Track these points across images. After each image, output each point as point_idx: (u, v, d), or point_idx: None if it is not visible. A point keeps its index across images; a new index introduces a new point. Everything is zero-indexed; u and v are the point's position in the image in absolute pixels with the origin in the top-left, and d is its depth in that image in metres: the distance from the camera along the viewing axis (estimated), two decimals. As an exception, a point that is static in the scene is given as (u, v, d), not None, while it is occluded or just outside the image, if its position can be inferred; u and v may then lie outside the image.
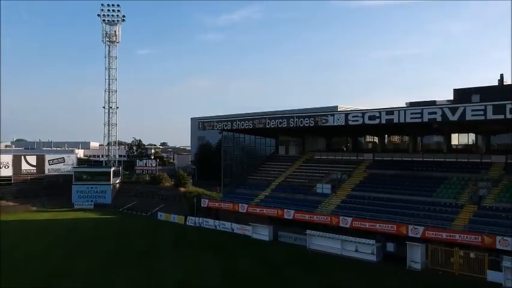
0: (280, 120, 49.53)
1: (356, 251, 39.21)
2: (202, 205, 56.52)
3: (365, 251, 38.69)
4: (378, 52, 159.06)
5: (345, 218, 42.37)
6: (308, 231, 42.61)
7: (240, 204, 51.88)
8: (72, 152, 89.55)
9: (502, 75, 45.97)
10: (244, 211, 51.11)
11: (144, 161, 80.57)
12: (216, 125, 56.66)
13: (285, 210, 47.13)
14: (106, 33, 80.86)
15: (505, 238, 33.25)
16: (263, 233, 46.83)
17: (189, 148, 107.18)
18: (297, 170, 56.98)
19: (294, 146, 62.28)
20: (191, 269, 35.11)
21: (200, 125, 59.00)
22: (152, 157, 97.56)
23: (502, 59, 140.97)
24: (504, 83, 45.23)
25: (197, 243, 45.09)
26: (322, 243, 41.61)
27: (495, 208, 37.75)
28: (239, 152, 63.27)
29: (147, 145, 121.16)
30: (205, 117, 76.02)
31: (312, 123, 46.81)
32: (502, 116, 35.34)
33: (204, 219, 54.29)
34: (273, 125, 50.05)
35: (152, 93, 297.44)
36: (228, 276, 33.42)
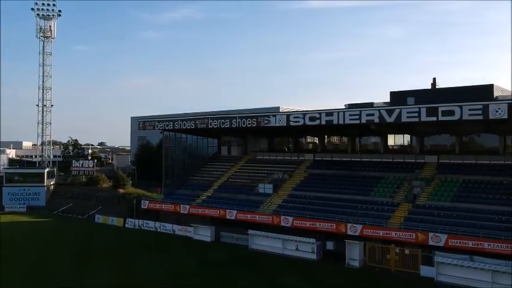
0: (222, 120, 49.38)
1: (297, 249, 39.75)
2: (142, 207, 55.27)
3: (305, 249, 39.30)
4: (318, 54, 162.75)
5: (286, 217, 42.85)
6: (250, 231, 42.72)
7: (181, 205, 51.19)
8: (3, 152, 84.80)
9: (434, 79, 48.24)
10: (186, 212, 50.49)
11: (81, 162, 77.65)
12: (157, 125, 55.61)
13: (227, 210, 47.03)
14: (40, 29, 77.29)
15: (436, 235, 34.87)
16: (205, 234, 46.48)
17: (129, 148, 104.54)
18: (239, 170, 57.04)
19: (236, 146, 62.33)
20: (129, 272, 34.13)
21: (140, 124, 57.69)
22: (89, 157, 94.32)
23: (435, 62, 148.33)
24: (437, 87, 47.47)
25: (137, 246, 44.01)
26: (263, 242, 41.85)
27: (428, 206, 39.52)
28: (181, 152, 62.43)
29: (84, 145, 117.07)
30: (145, 116, 74.41)
31: (254, 124, 47.02)
32: (434, 118, 37.03)
33: (144, 221, 53.11)
34: (215, 125, 49.80)
35: (90, 91, 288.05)
36: (169, 278, 32.82)
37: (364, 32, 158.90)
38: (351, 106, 46.02)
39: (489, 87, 42.43)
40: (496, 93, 42.23)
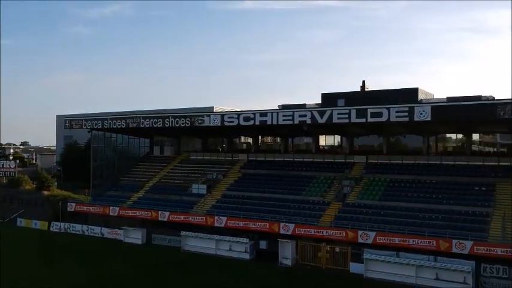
0: (155, 120, 48.26)
1: (230, 250, 39.62)
2: (68, 209, 52.75)
3: (239, 249, 39.27)
4: (253, 55, 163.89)
5: (219, 217, 42.58)
6: (183, 233, 42.03)
7: (111, 207, 49.40)
8: None
9: (363, 82, 49.88)
10: (116, 214, 48.79)
11: (1, 162, 73.00)
12: (85, 124, 53.38)
13: (160, 211, 45.98)
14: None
15: (365, 232, 36.04)
16: (135, 237, 45.16)
17: (54, 148, 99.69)
18: (172, 170, 56.02)
19: (169, 146, 61.15)
20: (52, 279, 32.37)
21: (67, 123, 55.11)
22: (11, 157, 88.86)
23: (365, 66, 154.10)
24: (366, 89, 49.13)
25: (62, 250, 41.90)
26: (196, 244, 41.33)
27: (357, 205, 40.78)
28: (110, 153, 60.23)
29: (5, 144, 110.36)
30: (73, 115, 71.15)
31: (188, 124, 46.36)
32: (364, 120, 38.25)
33: (71, 224, 50.74)
34: (147, 124, 48.56)
35: (13, 87, 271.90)
36: (95, 284, 31.49)
37: (298, 34, 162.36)
38: (284, 107, 46.57)
39: (414, 91, 44.49)
40: (420, 96, 44.38)
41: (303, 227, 38.64)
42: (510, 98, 34.68)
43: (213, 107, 64.17)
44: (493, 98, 38.58)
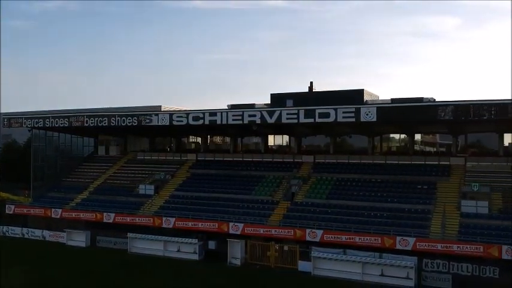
0: (100, 118, 46.82)
1: (178, 251, 39.07)
2: (7, 211, 50.19)
3: (187, 250, 38.79)
4: (202, 55, 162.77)
5: (167, 218, 41.91)
6: (129, 234, 41.02)
7: (53, 209, 47.47)
8: None
9: (311, 83, 50.56)
10: (58, 216, 46.97)
11: None
12: (24, 122, 51.00)
13: (105, 213, 44.67)
14: None
15: (313, 231, 36.60)
16: (79, 239, 43.61)
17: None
18: (119, 170, 54.58)
19: (115, 146, 59.52)
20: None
21: (5, 121, 52.49)
22: None
23: (311, 66, 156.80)
24: (313, 90, 49.89)
25: None
26: (144, 245, 40.43)
27: (305, 203, 41.35)
28: (52, 152, 57.86)
29: None
30: (11, 113, 67.79)
31: (135, 123, 45.35)
32: (312, 120, 38.89)
33: (10, 227, 48.27)
34: (92, 123, 47.07)
35: None
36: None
37: (247, 35, 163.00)
38: (233, 107, 46.49)
39: (360, 92, 45.65)
40: (366, 98, 45.57)
41: (252, 227, 38.72)
42: (450, 100, 36.36)
43: (160, 106, 63.10)
44: (434, 100, 40.22)
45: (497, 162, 40.65)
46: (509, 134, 42.82)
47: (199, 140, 58.73)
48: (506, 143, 42.84)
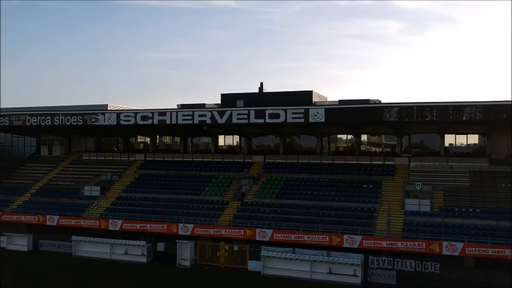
0: (43, 117, 45.11)
1: (126, 253, 38.23)
2: None
3: (135, 252, 38.04)
4: (151, 53, 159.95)
5: (114, 220, 40.88)
6: (74, 237, 39.73)
7: (-9, 212, 45.18)
8: None
9: (261, 84, 50.77)
10: (-3, 219, 44.73)
11: None
12: (-40, 120, 48.21)
13: (48, 216, 42.99)
14: None
15: (263, 230, 36.79)
16: (21, 243, 41.79)
17: None
18: (63, 171, 52.69)
19: (58, 146, 57.41)
20: None
21: None
22: None
23: (262, 67, 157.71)
24: (264, 91, 50.17)
25: None
26: (89, 248, 39.31)
27: (255, 203, 41.51)
28: (-9, 153, 55.15)
29: None
30: None
31: (80, 122, 44.06)
32: (262, 120, 39.31)
33: None
34: (34, 122, 45.27)
35: None
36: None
37: (196, 34, 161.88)
38: (183, 106, 46.00)
39: (309, 93, 46.27)
40: (314, 99, 46.26)
41: (202, 227, 38.47)
42: (395, 102, 37.67)
43: (107, 105, 61.34)
44: (380, 102, 41.45)
45: (438, 162, 42.43)
46: (450, 135, 44.77)
47: (147, 140, 57.61)
48: (447, 144, 44.77)
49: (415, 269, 33.25)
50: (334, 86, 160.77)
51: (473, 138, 45.38)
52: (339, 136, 52.62)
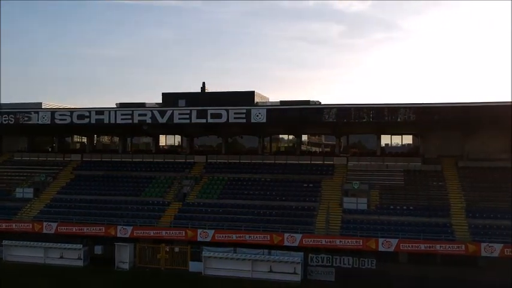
0: (-31, 115, 42.48)
1: (61, 257, 36.85)
2: None
3: (71, 256, 36.78)
4: (91, 49, 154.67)
5: (49, 223, 39.16)
6: (4, 242, 37.77)
7: None
8: None
9: (204, 83, 50.70)
10: None
11: None
12: None
13: (-25, 219, 40.55)
14: None
15: (204, 231, 36.58)
16: None
17: None
18: (-8, 173, 49.85)
19: (-12, 146, 54.29)
20: None
21: None
22: None
23: (205, 66, 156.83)
24: (206, 91, 49.99)
25: None
26: (22, 253, 37.55)
27: (197, 204, 41.22)
28: None
29: None
30: None
31: (12, 121, 42.09)
32: (204, 120, 39.26)
33: None
34: (-40, 120, 42.56)
35: None
36: None
37: (138, 31, 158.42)
38: (122, 105, 44.97)
39: (251, 94, 46.69)
40: (256, 99, 46.72)
41: (142, 229, 37.71)
42: (334, 103, 38.74)
43: (41, 103, 58.63)
44: (320, 103, 42.42)
45: (375, 162, 43.94)
46: (386, 136, 46.51)
47: (84, 139, 55.65)
48: (383, 144, 46.47)
49: (353, 265, 34.26)
50: (276, 87, 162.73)
51: (408, 139, 47.43)
52: (280, 136, 53.38)
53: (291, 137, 50.87)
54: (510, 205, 36.18)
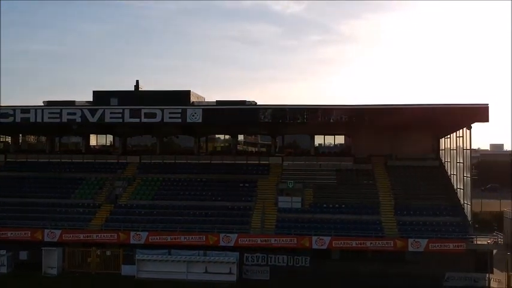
0: None
1: (-18, 265, 34.53)
2: None
3: (-7, 263, 34.54)
4: (12, 45, 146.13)
5: (-32, 229, 36.65)
6: None
7: None
8: None
9: (137, 82, 49.28)
10: None
11: None
12: None
13: None
14: None
15: (138, 233, 35.70)
16: None
17: None
18: None
19: None
20: None
21: None
22: None
23: (139, 64, 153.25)
24: (140, 89, 48.72)
25: None
26: None
27: (130, 205, 40.19)
28: None
29: None
30: None
31: None
32: (137, 120, 38.61)
33: None
34: None
35: None
36: None
37: (66, 26, 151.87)
38: (50, 103, 42.85)
39: (186, 93, 45.94)
40: (192, 99, 46.08)
41: (71, 233, 36.31)
42: (270, 104, 39.22)
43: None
44: (256, 103, 42.69)
45: (309, 161, 44.83)
46: (320, 136, 47.57)
47: (8, 139, 52.51)
48: (316, 144, 47.49)
49: (287, 263, 34.78)
50: (212, 87, 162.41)
51: (340, 139, 48.77)
52: (216, 136, 53.13)
53: (227, 136, 50.75)
54: (435, 202, 38.30)
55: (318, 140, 47.75)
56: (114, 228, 36.42)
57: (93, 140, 51.74)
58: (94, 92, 46.24)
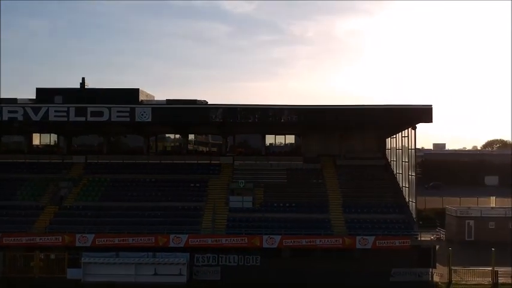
0: None
1: None
2: None
3: None
4: None
5: None
6: None
7: None
8: None
9: (83, 79, 47.65)
10: None
11: None
12: None
13: None
14: None
15: (84, 235, 34.64)
16: None
17: None
18: None
19: None
20: None
21: None
22: None
23: (85, 61, 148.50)
24: (86, 87, 47.19)
25: None
26: None
27: (75, 207, 38.95)
28: None
29: None
30: None
31: None
32: (83, 118, 37.44)
33: None
34: None
35: None
36: None
37: (10, 21, 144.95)
38: (-12, 101, 40.78)
39: (135, 91, 44.89)
40: (141, 97, 45.08)
41: (12, 236, 34.70)
42: (221, 103, 39.10)
43: None
44: (206, 102, 42.42)
45: (260, 161, 45.01)
46: (271, 135, 47.87)
47: None
48: (267, 143, 47.74)
49: (238, 263, 34.81)
50: (162, 85, 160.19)
51: (290, 139, 49.20)
52: (166, 135, 52.28)
53: (177, 136, 50.08)
54: (381, 200, 39.46)
55: (269, 139, 47.99)
56: (59, 231, 35.16)
57: (37, 140, 49.59)
58: (37, 89, 44.38)
